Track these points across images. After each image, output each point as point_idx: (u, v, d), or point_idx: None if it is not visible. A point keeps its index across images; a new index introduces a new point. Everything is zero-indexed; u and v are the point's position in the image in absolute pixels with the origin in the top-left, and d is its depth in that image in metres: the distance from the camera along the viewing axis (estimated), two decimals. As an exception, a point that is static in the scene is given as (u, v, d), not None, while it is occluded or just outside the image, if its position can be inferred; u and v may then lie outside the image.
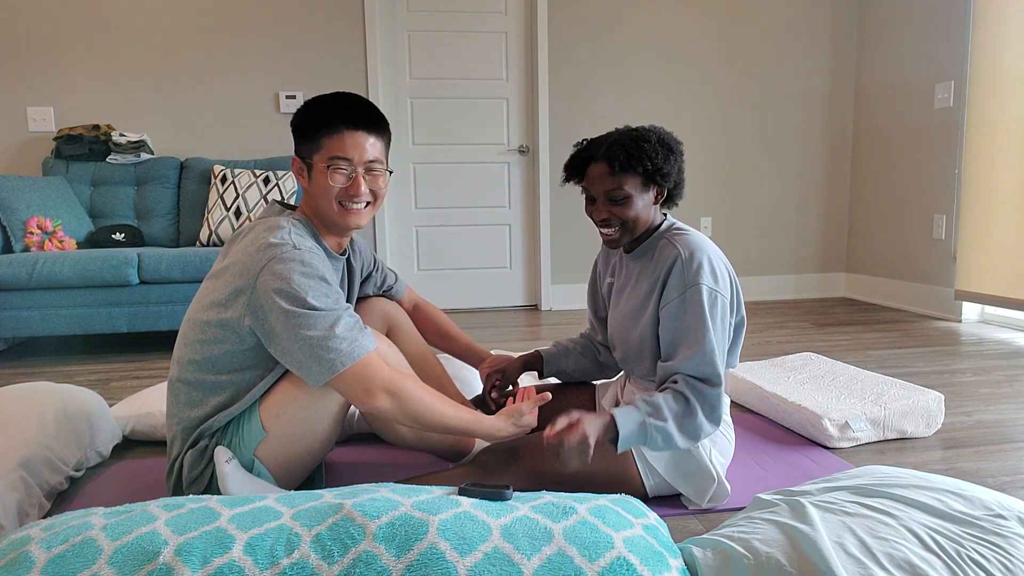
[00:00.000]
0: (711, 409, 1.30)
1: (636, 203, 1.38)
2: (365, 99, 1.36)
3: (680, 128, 4.21)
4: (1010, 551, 0.96)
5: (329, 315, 1.22)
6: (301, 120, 1.34)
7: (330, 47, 3.83)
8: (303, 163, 1.36)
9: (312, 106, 1.34)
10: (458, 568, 0.91)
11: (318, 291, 1.23)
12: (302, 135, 1.35)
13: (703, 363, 1.32)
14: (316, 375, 1.22)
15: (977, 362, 2.68)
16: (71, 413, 1.69)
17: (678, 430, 1.29)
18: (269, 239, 1.26)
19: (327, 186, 1.32)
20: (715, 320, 1.34)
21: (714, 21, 4.16)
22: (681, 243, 1.39)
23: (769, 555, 0.98)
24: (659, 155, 1.36)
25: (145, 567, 0.90)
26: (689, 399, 1.30)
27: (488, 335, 3.38)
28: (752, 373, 2.21)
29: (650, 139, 1.37)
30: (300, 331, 1.20)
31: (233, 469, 1.25)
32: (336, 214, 1.35)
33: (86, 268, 2.83)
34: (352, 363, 1.22)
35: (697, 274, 1.34)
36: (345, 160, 1.31)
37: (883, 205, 4.13)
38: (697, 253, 1.37)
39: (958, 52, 3.52)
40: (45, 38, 3.58)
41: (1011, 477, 1.61)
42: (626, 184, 1.37)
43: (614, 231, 1.41)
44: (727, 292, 1.37)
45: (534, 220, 4.21)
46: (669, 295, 1.37)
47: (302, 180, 1.37)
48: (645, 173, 1.37)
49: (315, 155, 1.33)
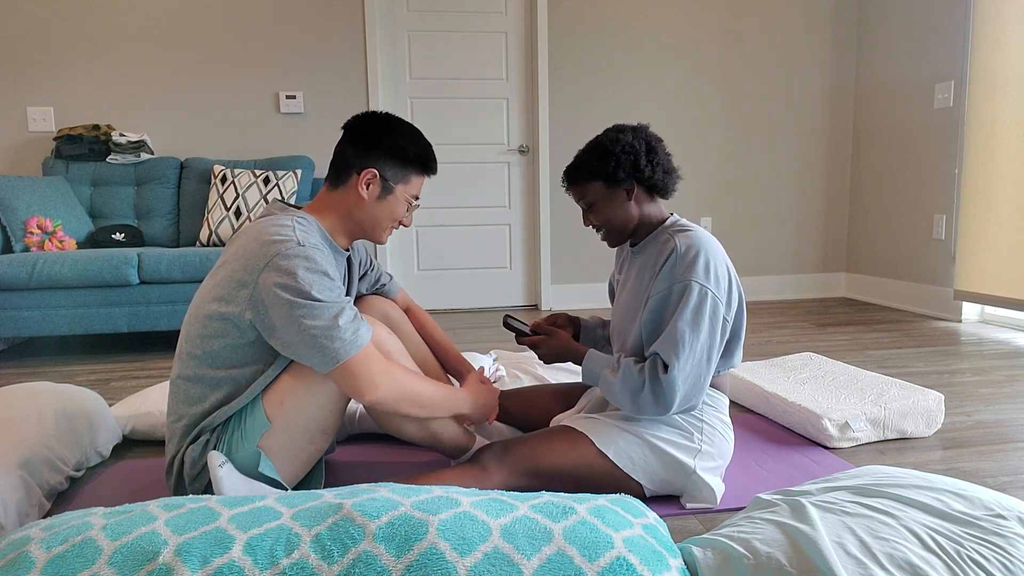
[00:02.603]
0: (657, 394, 1.33)
1: (604, 207, 1.47)
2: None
3: (680, 128, 4.21)
4: (1010, 551, 0.96)
5: (333, 306, 1.26)
6: (402, 146, 1.41)
7: (330, 47, 3.83)
8: (381, 182, 1.41)
9: (412, 138, 1.43)
10: (458, 568, 0.91)
11: (322, 285, 1.26)
12: (393, 157, 1.41)
13: (672, 352, 1.33)
14: (318, 365, 1.26)
15: (977, 362, 2.68)
16: (71, 413, 1.69)
17: (621, 392, 1.37)
18: (273, 235, 1.29)
19: (397, 215, 1.46)
20: (701, 319, 1.34)
21: (714, 21, 4.16)
22: (681, 238, 1.40)
23: (769, 555, 0.98)
24: (615, 163, 1.42)
25: (145, 567, 0.90)
26: (645, 377, 1.35)
27: (488, 335, 3.38)
28: (752, 373, 2.21)
29: (604, 145, 1.44)
30: (304, 321, 1.23)
31: (227, 473, 1.25)
32: (382, 232, 1.47)
33: (86, 268, 2.83)
34: (355, 352, 1.27)
35: (690, 269, 1.35)
36: (418, 201, 1.49)
37: (883, 205, 4.13)
38: (695, 248, 1.37)
39: (958, 52, 3.52)
40: (45, 38, 3.58)
41: (1011, 477, 1.61)
42: (587, 194, 1.47)
43: (602, 233, 1.51)
44: (722, 292, 1.37)
45: (534, 220, 4.21)
46: (658, 285, 1.39)
47: (362, 190, 1.40)
48: (602, 178, 1.45)
49: (399, 185, 1.43)
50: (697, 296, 1.34)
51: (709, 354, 1.36)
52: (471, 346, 3.11)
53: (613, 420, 1.45)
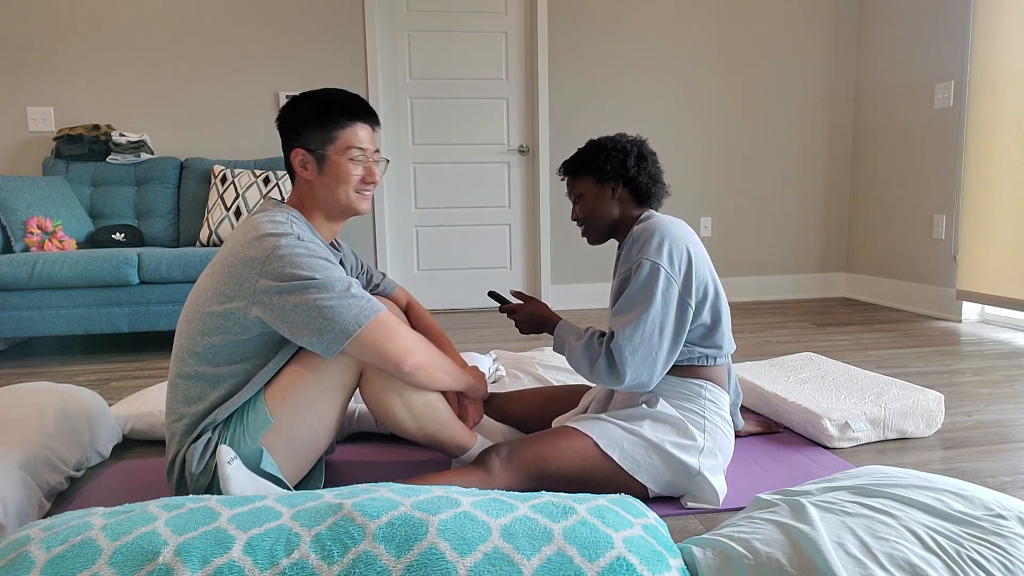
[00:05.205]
0: (610, 362, 1.40)
1: (589, 201, 1.57)
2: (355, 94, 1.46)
3: (680, 128, 4.21)
4: (1010, 551, 0.96)
5: (341, 281, 1.28)
6: (305, 114, 1.39)
7: (330, 47, 3.83)
8: (310, 155, 1.40)
9: (314, 101, 1.39)
10: (458, 568, 0.91)
11: (324, 267, 1.28)
12: (306, 129, 1.39)
13: (620, 323, 1.40)
14: (337, 337, 1.26)
15: (977, 362, 2.68)
16: (71, 413, 1.69)
17: (580, 359, 1.45)
18: (269, 229, 1.30)
19: (347, 175, 1.40)
20: (651, 293, 1.40)
21: (714, 21, 4.16)
22: (646, 224, 1.49)
23: (769, 555, 0.98)
24: (605, 158, 1.53)
25: (145, 567, 0.90)
26: (602, 348, 1.42)
27: (488, 335, 3.38)
28: (752, 373, 2.21)
29: (605, 145, 1.55)
30: (315, 300, 1.25)
31: (236, 469, 1.25)
32: (353, 200, 1.43)
33: (86, 268, 2.83)
34: (375, 315, 1.28)
35: (644, 248, 1.43)
36: (362, 150, 1.41)
37: (883, 205, 4.13)
38: (650, 230, 1.46)
39: (958, 52, 3.52)
40: (45, 38, 3.58)
41: (1011, 477, 1.61)
42: (577, 186, 1.59)
43: (583, 229, 1.61)
44: (676, 271, 1.42)
45: (534, 220, 4.21)
46: (620, 268, 1.50)
47: (305, 172, 1.41)
48: (592, 172, 1.55)
49: (329, 146, 1.39)
50: (648, 272, 1.41)
51: (661, 329, 1.40)
52: (471, 346, 3.11)
53: (617, 421, 1.45)
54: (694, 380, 1.50)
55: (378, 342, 1.29)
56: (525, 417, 1.74)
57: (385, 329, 1.30)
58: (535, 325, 1.60)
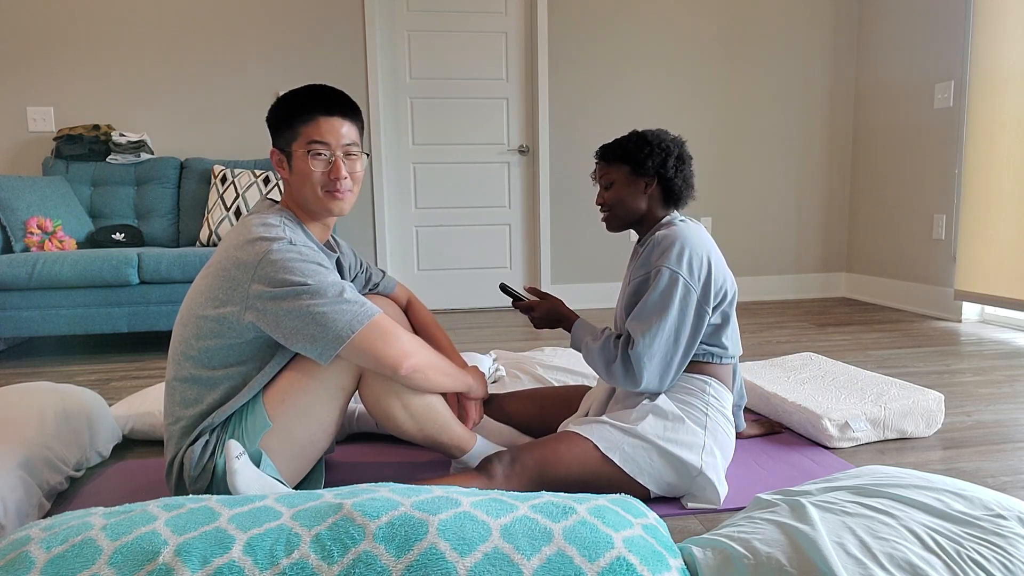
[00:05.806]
0: (627, 367, 1.43)
1: (620, 190, 1.56)
2: (336, 88, 1.41)
3: (680, 128, 4.21)
4: (1010, 551, 0.96)
5: (335, 285, 1.27)
6: (276, 113, 1.38)
7: (330, 47, 3.83)
8: (281, 153, 1.39)
9: (286, 98, 1.37)
10: (458, 568, 0.91)
11: (317, 272, 1.27)
12: (278, 127, 1.38)
13: (639, 331, 1.42)
14: (331, 343, 1.25)
15: (977, 362, 2.68)
16: (71, 413, 1.69)
17: (597, 360, 1.48)
18: (262, 232, 1.29)
19: (308, 171, 1.35)
20: (669, 302, 1.42)
21: (714, 21, 4.16)
22: (668, 230, 1.50)
23: (769, 555, 0.98)
24: (648, 153, 1.52)
25: (145, 567, 0.90)
26: (618, 351, 1.45)
27: (488, 335, 3.38)
28: (752, 373, 2.21)
29: (651, 140, 1.54)
30: (309, 305, 1.24)
31: (244, 465, 1.24)
32: (320, 200, 1.38)
33: (86, 268, 2.83)
34: (369, 319, 1.27)
35: (664, 256, 1.44)
36: (323, 144, 1.35)
37: (883, 205, 4.13)
38: (672, 238, 1.46)
39: (958, 52, 3.52)
40: (45, 38, 3.58)
41: (1011, 477, 1.61)
42: (611, 172, 1.58)
43: (604, 213, 1.61)
44: (695, 280, 1.44)
45: (534, 220, 4.21)
46: (638, 271, 1.51)
47: (282, 171, 1.40)
48: (631, 163, 1.54)
49: (293, 143, 1.36)
50: (667, 281, 1.43)
51: (677, 336, 1.43)
52: (471, 346, 3.11)
53: (617, 423, 1.45)
54: (698, 376, 1.51)
55: (373, 346, 1.28)
56: (525, 417, 1.74)
57: (381, 333, 1.29)
58: (552, 322, 1.62)
